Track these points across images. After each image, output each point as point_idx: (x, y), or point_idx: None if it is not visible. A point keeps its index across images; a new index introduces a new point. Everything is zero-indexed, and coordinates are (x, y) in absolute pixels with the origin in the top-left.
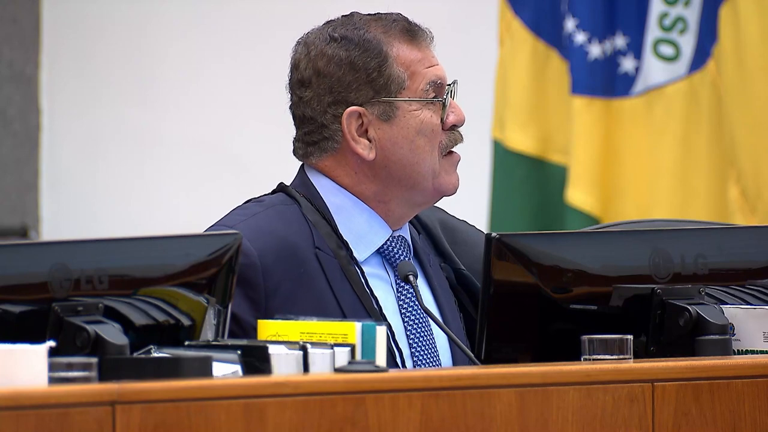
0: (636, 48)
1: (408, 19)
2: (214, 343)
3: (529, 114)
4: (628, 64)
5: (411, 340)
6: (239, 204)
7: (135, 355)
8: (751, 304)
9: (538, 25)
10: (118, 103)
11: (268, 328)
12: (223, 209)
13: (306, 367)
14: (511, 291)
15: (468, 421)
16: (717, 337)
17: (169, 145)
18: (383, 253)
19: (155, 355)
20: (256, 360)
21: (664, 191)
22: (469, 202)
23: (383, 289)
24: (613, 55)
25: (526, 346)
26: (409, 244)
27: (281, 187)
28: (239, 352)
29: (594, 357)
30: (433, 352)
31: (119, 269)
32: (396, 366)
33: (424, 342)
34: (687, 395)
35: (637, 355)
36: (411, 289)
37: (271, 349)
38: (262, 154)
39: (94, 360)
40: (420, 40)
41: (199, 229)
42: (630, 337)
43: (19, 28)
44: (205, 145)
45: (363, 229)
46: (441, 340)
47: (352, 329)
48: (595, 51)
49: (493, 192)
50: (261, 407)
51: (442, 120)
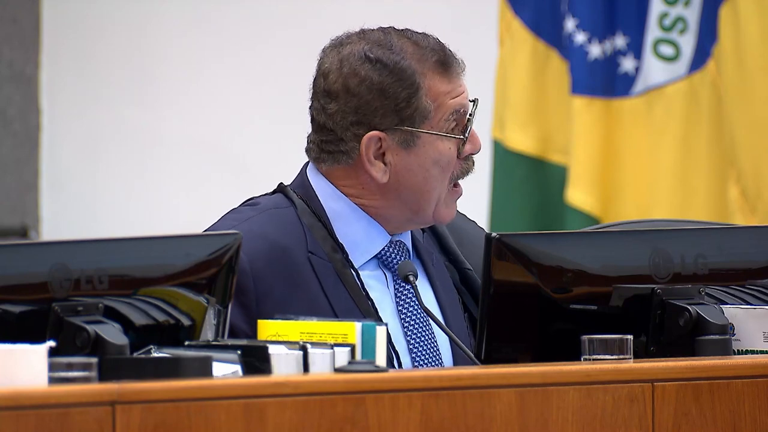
0: (636, 48)
1: (444, 48)
2: (214, 343)
3: (529, 114)
4: (628, 64)
5: (410, 341)
6: (238, 204)
7: (135, 355)
8: (751, 304)
9: (538, 25)
10: (118, 103)
11: (268, 328)
12: (223, 209)
13: (306, 367)
14: (511, 291)
15: (468, 421)
16: (717, 337)
17: (169, 145)
18: (380, 258)
19: (155, 355)
20: (256, 360)
21: (664, 191)
22: (469, 202)
23: (380, 291)
24: (613, 55)
25: (526, 346)
26: (408, 249)
27: (281, 188)
28: (239, 352)
29: (594, 357)
30: (434, 352)
31: (119, 269)
32: (392, 368)
33: (425, 342)
34: (687, 395)
35: (637, 355)
36: (411, 289)
37: (271, 349)
38: (262, 154)
39: (94, 360)
40: (452, 72)
41: (199, 229)
42: (630, 337)
43: (19, 28)
44: (205, 145)
45: (360, 236)
46: (443, 339)
47: (352, 329)
48: (595, 51)
49: (493, 192)
50: (261, 407)
51: (459, 151)
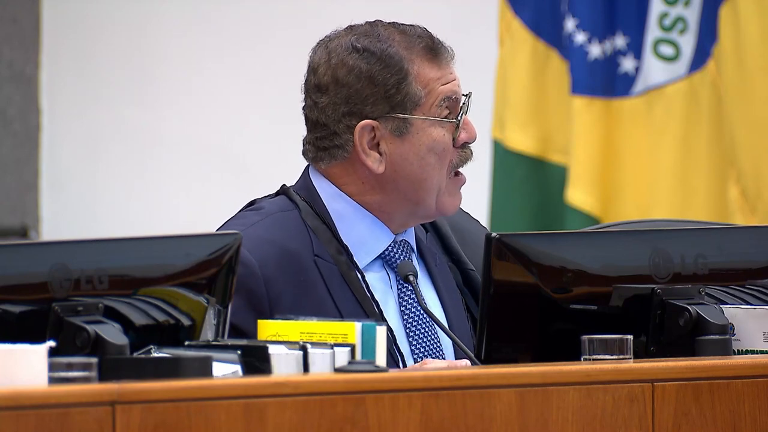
0: (636, 48)
1: (431, 35)
2: (214, 343)
3: (529, 114)
4: (628, 64)
5: (412, 341)
6: (240, 207)
7: (135, 355)
8: (751, 304)
9: (538, 25)
10: (118, 103)
11: (268, 328)
12: (223, 209)
13: (306, 367)
14: (511, 291)
15: (468, 421)
16: (717, 337)
17: (169, 145)
18: (384, 258)
19: (155, 355)
20: (256, 360)
21: (664, 191)
22: (469, 202)
23: (384, 292)
24: (613, 55)
25: (526, 346)
26: (411, 247)
27: (283, 190)
28: (239, 352)
29: (594, 357)
30: (436, 353)
31: (119, 269)
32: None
33: (427, 342)
34: (687, 395)
35: (637, 355)
36: (412, 290)
37: (271, 349)
38: (262, 155)
39: (94, 360)
40: (441, 58)
41: (199, 229)
42: (630, 337)
43: (19, 28)
44: (205, 145)
45: (364, 236)
46: (445, 340)
47: (352, 329)
48: (595, 51)
49: (493, 192)
50: (261, 407)
51: (454, 138)
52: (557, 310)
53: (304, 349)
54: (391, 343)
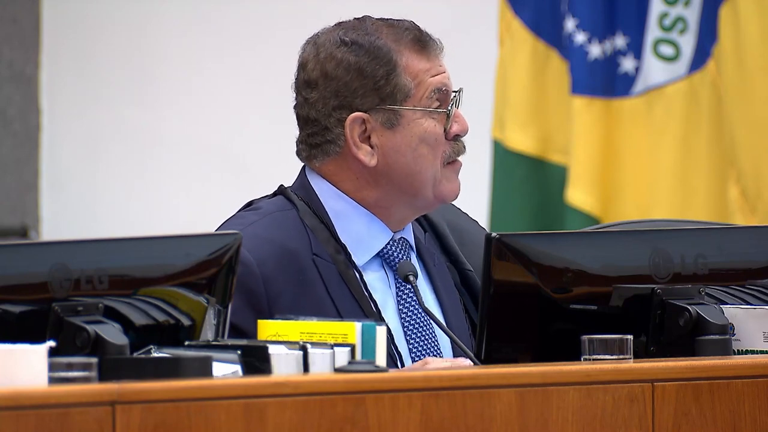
0: (636, 48)
1: (419, 28)
2: (214, 343)
3: (529, 114)
4: (628, 64)
5: (410, 341)
6: (240, 207)
7: (135, 355)
8: (751, 304)
9: (538, 25)
10: (118, 103)
11: (268, 328)
12: (223, 209)
13: (306, 367)
14: (511, 291)
15: (468, 421)
16: (717, 337)
17: (169, 145)
18: (383, 256)
19: (155, 355)
20: (256, 360)
21: (664, 191)
22: (469, 202)
23: (382, 292)
24: (613, 55)
25: (526, 346)
26: (410, 245)
27: (281, 190)
28: (239, 352)
29: (594, 357)
30: (435, 352)
31: (119, 269)
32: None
33: (426, 342)
34: (687, 395)
35: (637, 355)
36: (412, 290)
37: (271, 349)
38: (262, 155)
39: (94, 360)
40: (430, 50)
41: (199, 229)
42: (630, 337)
43: (19, 28)
44: (205, 145)
45: (362, 234)
46: (443, 340)
47: (352, 329)
48: (595, 51)
49: (493, 192)
50: (261, 407)
51: (445, 130)
52: (557, 310)
53: (304, 349)
54: (390, 342)
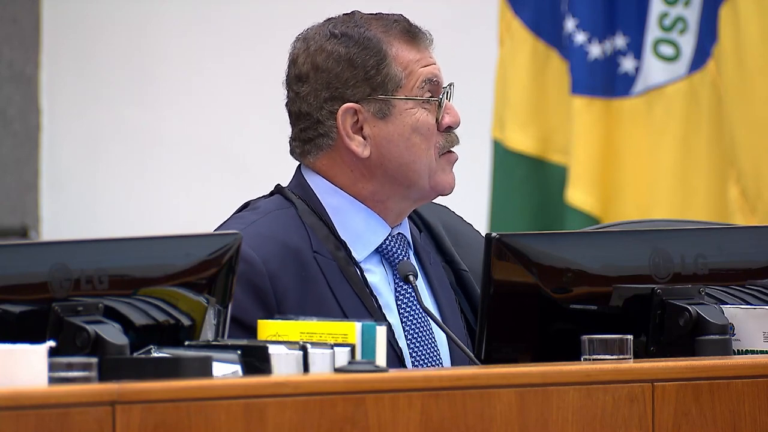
0: (636, 48)
1: (409, 20)
2: (214, 343)
3: (529, 114)
4: (628, 64)
5: (409, 339)
6: (236, 209)
7: (135, 355)
8: (751, 304)
9: (538, 25)
10: (118, 103)
11: (268, 328)
12: (223, 209)
13: (306, 367)
14: (511, 291)
15: (468, 421)
16: (717, 337)
17: (169, 145)
18: (382, 252)
19: (155, 355)
20: (256, 360)
21: (664, 191)
22: (469, 202)
23: (382, 288)
24: (613, 55)
25: (526, 346)
26: (408, 242)
27: (278, 189)
28: (239, 352)
29: (594, 357)
30: (433, 352)
31: (119, 269)
32: (397, 365)
33: (424, 341)
34: (687, 395)
35: (637, 355)
36: (410, 289)
37: (271, 349)
38: (262, 154)
39: (94, 360)
40: (419, 41)
41: (199, 229)
42: (630, 337)
43: (19, 28)
44: (205, 145)
45: (361, 229)
46: (441, 337)
47: (352, 329)
48: (595, 51)
49: (493, 192)
50: (261, 407)
51: (437, 120)
52: (557, 310)
53: (304, 349)
54: (391, 339)
